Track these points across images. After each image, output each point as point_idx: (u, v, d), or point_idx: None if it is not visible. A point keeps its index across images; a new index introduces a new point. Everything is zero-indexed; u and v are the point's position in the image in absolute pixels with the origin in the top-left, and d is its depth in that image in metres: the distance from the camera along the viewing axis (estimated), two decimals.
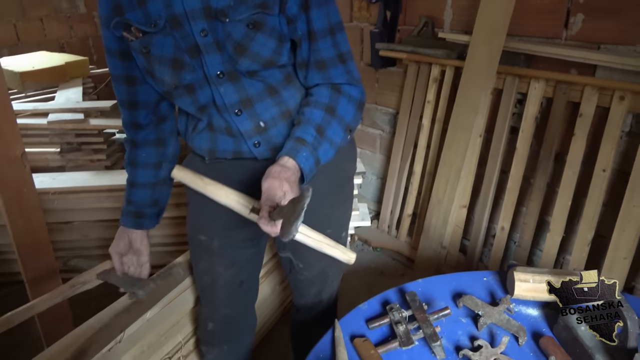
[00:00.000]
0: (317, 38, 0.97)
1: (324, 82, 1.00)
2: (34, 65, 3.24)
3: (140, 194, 1.16)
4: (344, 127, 1.00)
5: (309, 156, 0.94)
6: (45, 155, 2.57)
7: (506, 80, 1.97)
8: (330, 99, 0.99)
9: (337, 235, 1.22)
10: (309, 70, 1.00)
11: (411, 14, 2.37)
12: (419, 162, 2.38)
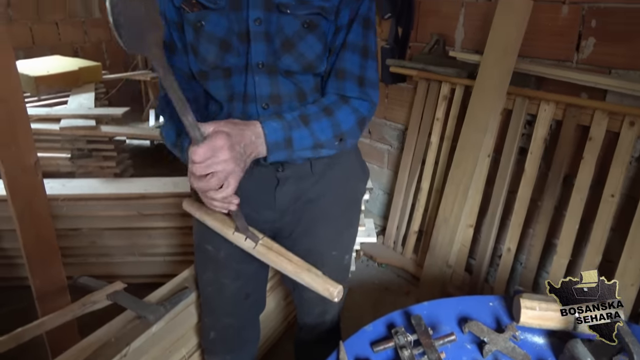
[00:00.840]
0: (347, 48, 0.98)
1: (335, 91, 1.00)
2: (48, 70, 3.29)
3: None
4: (336, 131, 0.97)
5: (279, 129, 0.90)
6: (56, 160, 2.60)
7: (516, 101, 1.98)
8: (332, 103, 0.99)
9: (341, 257, 1.22)
10: (328, 78, 1.01)
11: (423, 31, 2.38)
12: (427, 179, 2.38)
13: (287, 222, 1.14)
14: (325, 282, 0.94)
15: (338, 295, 0.92)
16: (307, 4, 0.94)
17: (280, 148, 0.91)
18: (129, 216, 2.19)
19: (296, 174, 1.07)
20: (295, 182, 1.08)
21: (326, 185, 1.10)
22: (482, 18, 2.10)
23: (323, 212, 1.13)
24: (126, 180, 2.37)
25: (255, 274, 1.24)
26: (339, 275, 1.24)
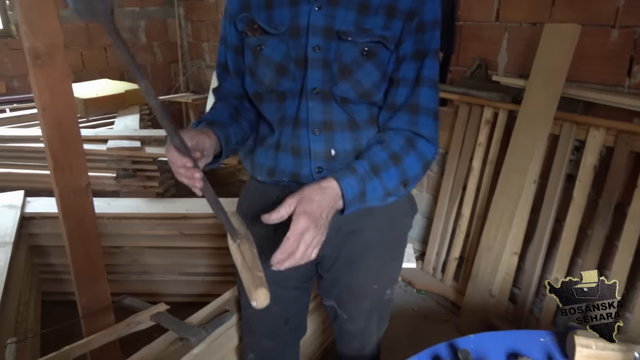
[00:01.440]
0: (422, 85, 0.97)
1: (409, 128, 0.98)
2: (97, 93, 3.44)
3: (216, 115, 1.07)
4: (402, 179, 0.98)
5: (355, 184, 0.90)
6: (102, 180, 2.69)
7: (563, 126, 1.92)
8: (401, 149, 0.97)
9: (382, 291, 1.19)
10: (399, 112, 0.99)
11: (464, 56, 2.36)
12: (468, 204, 2.33)
13: (327, 253, 1.12)
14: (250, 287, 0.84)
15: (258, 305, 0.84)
16: (367, 32, 0.94)
17: (356, 203, 0.92)
18: (170, 235, 2.23)
19: None
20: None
21: (370, 218, 1.07)
22: (526, 42, 2.07)
23: (365, 245, 1.11)
24: (169, 200, 2.42)
25: (295, 299, 1.23)
26: (379, 310, 1.22)
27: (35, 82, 1.26)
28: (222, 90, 1.14)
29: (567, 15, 1.89)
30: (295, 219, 0.84)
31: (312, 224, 0.84)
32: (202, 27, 4.93)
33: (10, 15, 4.32)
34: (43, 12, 1.21)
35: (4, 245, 1.85)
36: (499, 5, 2.15)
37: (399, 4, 0.95)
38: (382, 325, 1.28)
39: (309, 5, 0.97)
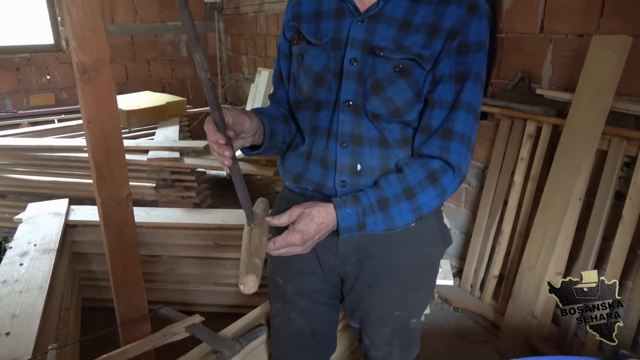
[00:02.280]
0: (459, 109, 0.94)
1: (439, 154, 0.95)
2: (139, 104, 3.54)
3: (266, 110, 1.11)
4: (416, 214, 0.96)
5: (353, 216, 0.93)
6: (142, 189, 2.76)
7: (612, 141, 1.84)
8: (418, 184, 0.94)
9: (405, 319, 1.15)
10: (433, 137, 0.96)
11: (506, 68, 2.30)
12: (509, 221, 2.25)
13: (348, 271, 1.10)
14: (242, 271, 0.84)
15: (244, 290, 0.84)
16: (404, 49, 0.93)
17: (353, 231, 0.94)
18: (206, 246, 2.26)
19: None
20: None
21: (394, 243, 1.04)
22: (572, 54, 1.99)
23: (384, 270, 1.08)
24: (205, 211, 2.45)
25: (323, 314, 1.21)
26: (403, 338, 1.17)
27: (82, 95, 1.30)
28: (276, 97, 1.17)
29: (617, 27, 1.81)
30: (291, 232, 0.92)
31: (302, 243, 0.92)
32: (241, 41, 5.04)
33: (61, 31, 4.53)
34: (92, 28, 1.26)
35: (49, 252, 1.91)
36: (543, 16, 2.09)
37: (442, 23, 0.92)
38: (410, 352, 1.23)
39: (352, 18, 0.98)
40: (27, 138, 3.17)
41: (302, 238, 0.91)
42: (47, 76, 4.54)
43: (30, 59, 4.43)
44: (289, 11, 1.10)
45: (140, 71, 5.02)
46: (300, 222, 0.92)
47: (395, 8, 0.96)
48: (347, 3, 0.99)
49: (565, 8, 1.99)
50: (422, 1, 0.95)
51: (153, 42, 5.01)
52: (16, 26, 4.46)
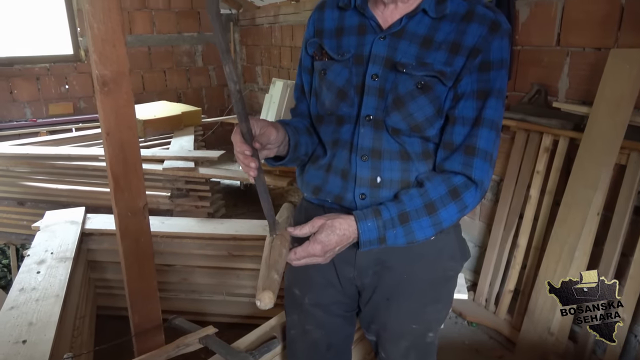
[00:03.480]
0: (482, 125, 0.95)
1: (462, 170, 0.95)
2: (155, 114, 3.58)
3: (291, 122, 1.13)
4: (436, 229, 0.96)
5: (374, 229, 0.94)
6: (157, 198, 2.78)
7: (631, 156, 1.81)
8: (440, 199, 0.95)
9: (423, 333, 1.14)
10: (455, 153, 0.96)
11: (522, 81, 2.29)
12: (524, 234, 2.23)
13: (365, 283, 1.10)
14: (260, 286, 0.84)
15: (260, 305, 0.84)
16: (426, 66, 0.94)
17: (373, 244, 0.95)
18: (219, 256, 2.26)
19: None
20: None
21: (412, 255, 1.04)
22: (589, 68, 1.98)
23: (402, 283, 1.08)
24: (219, 221, 2.46)
25: (339, 326, 1.21)
26: (419, 352, 1.16)
27: (101, 107, 1.32)
28: (298, 110, 1.19)
29: (635, 40, 1.80)
30: (312, 242, 0.93)
31: (322, 254, 0.93)
32: (256, 52, 5.08)
33: (80, 42, 4.62)
34: (113, 42, 1.28)
35: (65, 260, 1.93)
36: (560, 29, 2.08)
37: (464, 40, 0.93)
38: None
39: (375, 35, 0.99)
40: (46, 147, 3.23)
41: (322, 249, 0.92)
42: (65, 85, 4.62)
43: (50, 68, 4.52)
44: (310, 27, 1.11)
45: (156, 81, 5.09)
46: (322, 233, 0.93)
47: (418, 25, 0.97)
48: (370, 20, 1.01)
49: (582, 21, 1.98)
50: (444, 19, 0.96)
51: (169, 53, 5.08)
52: (37, 37, 4.57)
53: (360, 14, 1.02)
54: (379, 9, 1.00)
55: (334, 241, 0.93)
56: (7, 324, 1.51)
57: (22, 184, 3.00)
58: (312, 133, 1.12)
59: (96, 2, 1.25)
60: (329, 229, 0.93)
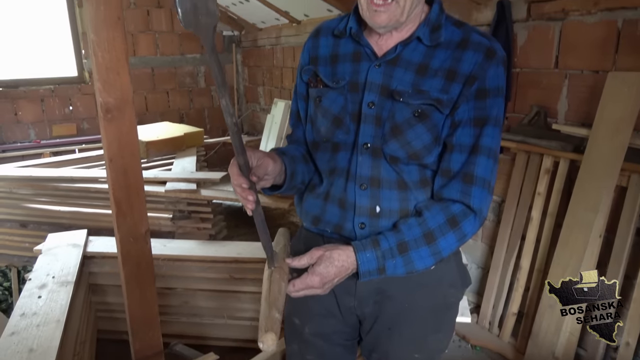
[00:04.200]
0: (479, 153, 0.95)
1: (461, 198, 0.95)
2: (158, 135, 3.61)
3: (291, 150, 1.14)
4: (436, 258, 0.96)
5: (373, 260, 0.93)
6: (159, 220, 2.79)
7: (631, 178, 1.81)
8: (438, 227, 0.94)
9: None
10: (453, 180, 0.96)
11: (521, 102, 2.31)
12: (527, 256, 2.22)
13: (366, 313, 1.09)
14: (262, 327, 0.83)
15: (263, 347, 0.84)
16: (423, 94, 0.94)
17: (373, 275, 0.95)
18: (221, 279, 2.26)
19: None
20: None
21: (413, 284, 1.04)
22: (588, 90, 2.00)
23: (403, 312, 1.07)
24: (221, 244, 2.46)
25: (340, 355, 1.19)
26: None
27: (104, 134, 1.34)
28: (294, 137, 1.18)
29: (633, 63, 1.81)
30: (311, 274, 0.92)
31: (321, 285, 0.92)
32: (258, 72, 5.14)
33: (84, 64, 4.68)
34: (117, 70, 1.31)
35: (67, 284, 1.93)
36: (558, 52, 2.10)
37: (460, 68, 0.94)
38: None
39: (370, 62, 1.00)
40: (49, 168, 3.25)
41: (321, 280, 0.92)
42: (69, 107, 4.67)
43: (55, 90, 4.58)
44: (305, 54, 1.11)
45: (159, 102, 5.13)
46: (320, 264, 0.93)
47: (413, 53, 0.98)
48: (365, 47, 1.01)
49: (580, 44, 2.00)
50: (439, 46, 0.96)
51: (172, 74, 5.14)
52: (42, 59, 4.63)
53: (356, 42, 1.02)
54: (374, 37, 1.00)
55: (332, 273, 0.92)
56: (7, 350, 1.50)
57: (24, 205, 3.01)
58: (309, 161, 1.12)
59: (101, 31, 1.28)
60: (327, 260, 0.92)
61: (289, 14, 4.00)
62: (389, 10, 0.91)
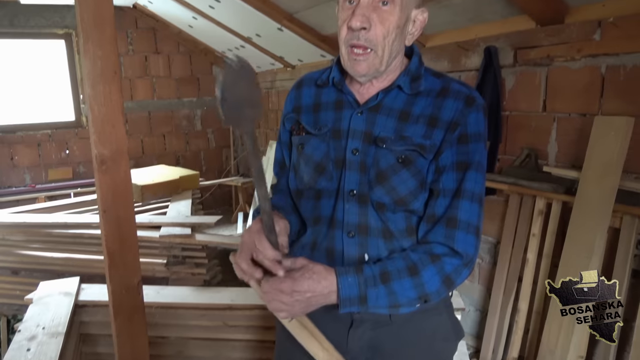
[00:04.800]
0: (462, 197, 0.95)
1: (445, 242, 0.94)
2: (153, 179, 3.61)
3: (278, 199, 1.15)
4: (420, 293, 0.93)
5: (354, 285, 0.90)
6: (153, 266, 2.75)
7: (624, 219, 1.83)
8: (419, 260, 0.94)
9: None
10: (438, 225, 0.96)
11: (512, 144, 2.35)
12: (525, 298, 2.20)
13: None
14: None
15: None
16: (405, 140, 0.96)
17: (354, 304, 0.91)
18: (215, 326, 2.21)
19: (373, 318, 1.01)
20: (372, 328, 1.02)
21: (407, 338, 1.02)
22: (576, 132, 2.04)
23: None
24: (215, 290, 2.42)
25: None
26: None
27: (99, 185, 1.35)
28: (279, 186, 1.19)
29: (618, 107, 1.86)
30: (285, 277, 0.88)
31: (289, 292, 0.87)
32: None
33: (82, 108, 4.75)
34: (112, 123, 1.33)
35: (57, 335, 1.88)
36: (545, 96, 2.16)
37: (441, 115, 0.96)
38: None
39: (352, 110, 1.02)
40: (42, 214, 3.23)
41: (291, 287, 0.87)
42: (66, 151, 4.70)
43: (52, 135, 4.62)
44: (288, 104, 1.14)
45: (156, 144, 5.18)
46: (298, 271, 0.89)
47: (395, 100, 1.00)
48: (347, 95, 1.04)
49: (566, 89, 2.06)
50: (419, 95, 0.99)
51: (169, 117, 5.21)
52: (40, 104, 4.70)
53: (338, 90, 1.05)
54: (356, 86, 1.03)
55: (306, 285, 0.88)
56: None
57: (17, 252, 2.98)
58: (296, 210, 1.12)
59: (97, 85, 1.31)
60: (307, 271, 0.89)
61: (284, 59, 4.10)
62: (368, 59, 0.95)
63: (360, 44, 0.93)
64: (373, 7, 0.92)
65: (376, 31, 0.92)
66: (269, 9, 3.03)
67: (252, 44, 4.02)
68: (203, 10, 3.70)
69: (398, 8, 0.92)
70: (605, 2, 1.85)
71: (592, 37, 1.89)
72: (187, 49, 5.12)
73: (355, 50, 0.94)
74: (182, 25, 4.55)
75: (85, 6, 1.23)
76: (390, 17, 0.92)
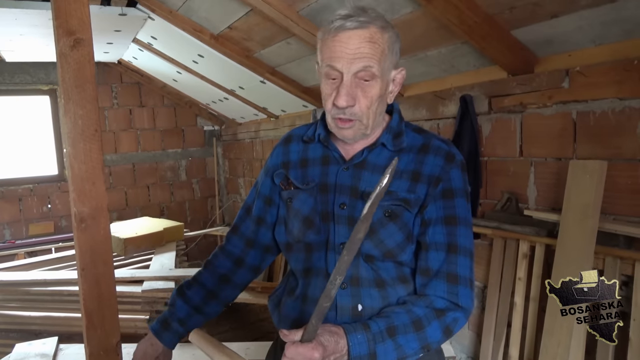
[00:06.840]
0: (459, 254, 0.98)
1: (448, 297, 0.97)
2: (136, 232, 3.57)
3: (186, 301, 1.25)
4: (422, 343, 0.95)
5: (364, 342, 0.90)
6: (135, 322, 2.67)
7: (606, 261, 1.84)
8: (425, 316, 0.95)
9: None
10: (435, 279, 0.98)
11: (492, 189, 2.38)
12: (515, 345, 2.16)
13: None
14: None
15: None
16: (391, 194, 0.98)
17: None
18: None
19: None
20: None
21: None
22: (553, 176, 2.08)
23: None
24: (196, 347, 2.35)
25: None
26: None
27: (78, 243, 1.33)
28: (238, 232, 1.21)
29: (591, 151, 1.92)
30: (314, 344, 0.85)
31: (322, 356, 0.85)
32: (239, 165, 5.25)
33: (65, 162, 4.73)
34: (92, 180, 1.32)
35: None
36: (521, 142, 2.22)
37: (423, 170, 1.00)
38: None
39: (338, 166, 1.05)
40: (20, 272, 3.15)
41: (322, 352, 0.85)
42: (48, 205, 4.64)
43: (34, 189, 4.57)
44: (275, 158, 1.17)
45: (140, 196, 5.14)
46: (322, 335, 0.88)
47: (379, 157, 1.04)
48: (333, 151, 1.07)
49: (541, 134, 2.12)
50: (402, 151, 1.03)
51: (154, 168, 5.21)
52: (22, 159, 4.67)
53: (324, 147, 1.09)
54: (341, 142, 1.07)
55: (334, 343, 0.88)
56: None
57: None
58: (229, 280, 1.20)
59: (78, 144, 1.31)
60: (327, 333, 0.88)
61: (267, 109, 4.18)
62: (354, 127, 0.99)
63: (347, 119, 0.98)
64: (356, 84, 0.96)
65: (361, 106, 0.97)
66: (251, 63, 3.12)
67: (235, 96, 4.10)
68: (187, 65, 3.79)
69: (379, 80, 0.97)
70: (571, 52, 1.94)
71: (562, 85, 1.97)
72: (171, 102, 5.19)
73: (341, 123, 0.99)
74: (166, 80, 4.64)
75: (67, 66, 1.25)
76: (372, 90, 0.97)
